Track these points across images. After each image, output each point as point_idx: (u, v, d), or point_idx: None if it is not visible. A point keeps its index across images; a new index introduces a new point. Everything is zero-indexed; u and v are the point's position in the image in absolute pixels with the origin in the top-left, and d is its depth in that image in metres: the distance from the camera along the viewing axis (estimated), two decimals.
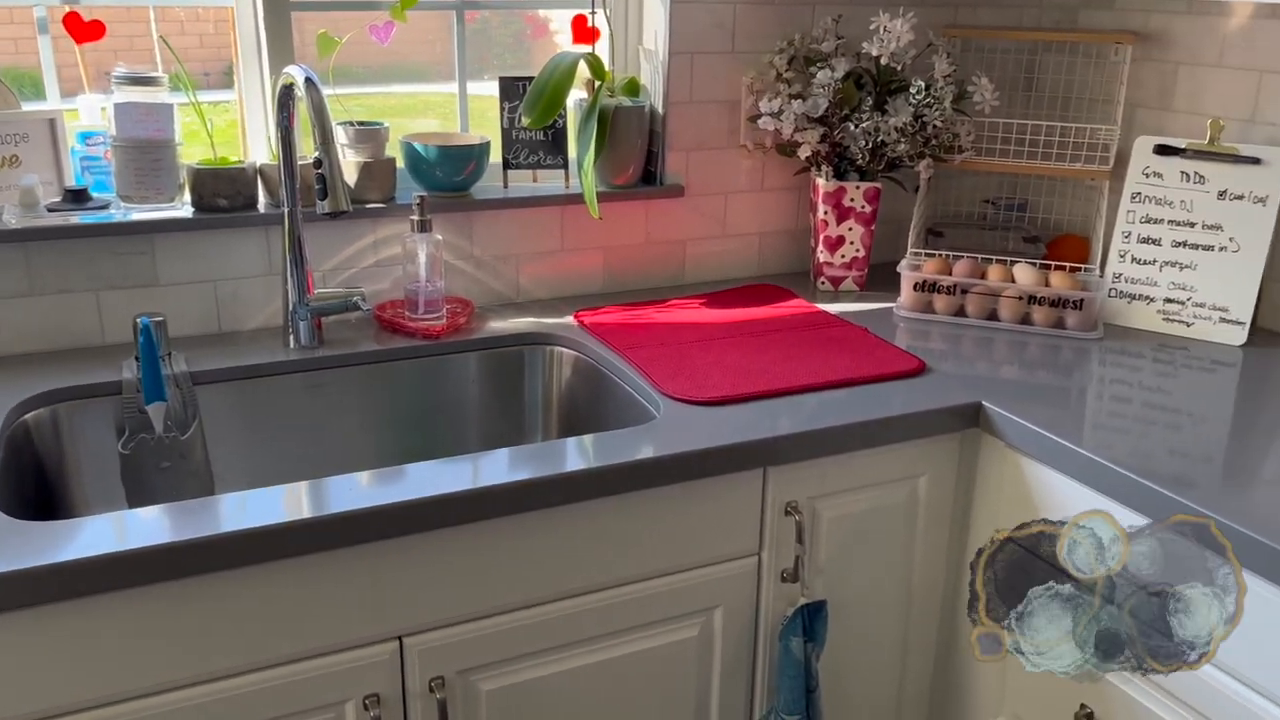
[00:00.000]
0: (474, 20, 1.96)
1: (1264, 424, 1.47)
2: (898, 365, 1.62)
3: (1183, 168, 1.82)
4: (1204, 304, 1.81)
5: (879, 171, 1.96)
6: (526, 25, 2.08)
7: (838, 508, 1.51)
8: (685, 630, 1.45)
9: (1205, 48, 1.89)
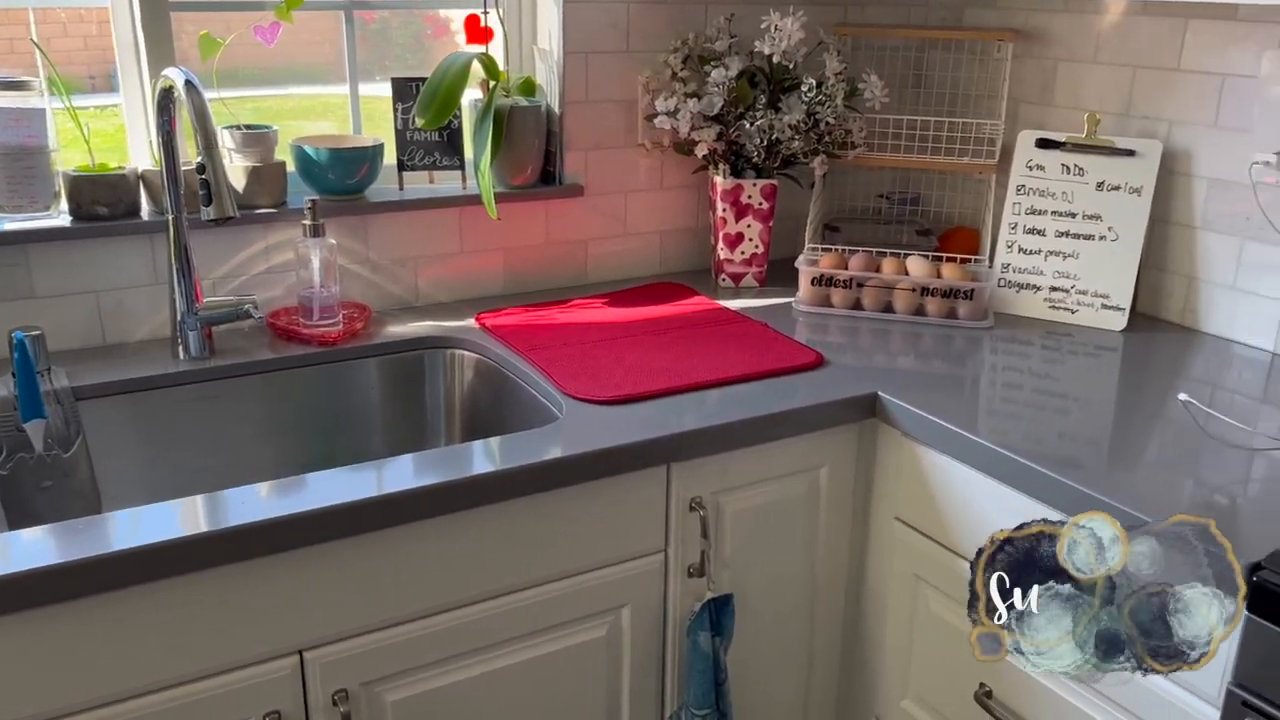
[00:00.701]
0: (373, 21, 1.93)
1: (1144, 405, 1.53)
2: (797, 359, 1.65)
3: (1063, 160, 1.89)
4: (1086, 291, 1.88)
5: (775, 169, 1.98)
6: (427, 25, 2.05)
7: (741, 501, 1.53)
8: (594, 630, 1.45)
9: (1082, 44, 1.96)
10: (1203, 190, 1.80)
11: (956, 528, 1.48)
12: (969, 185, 2.19)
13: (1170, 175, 1.84)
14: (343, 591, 1.25)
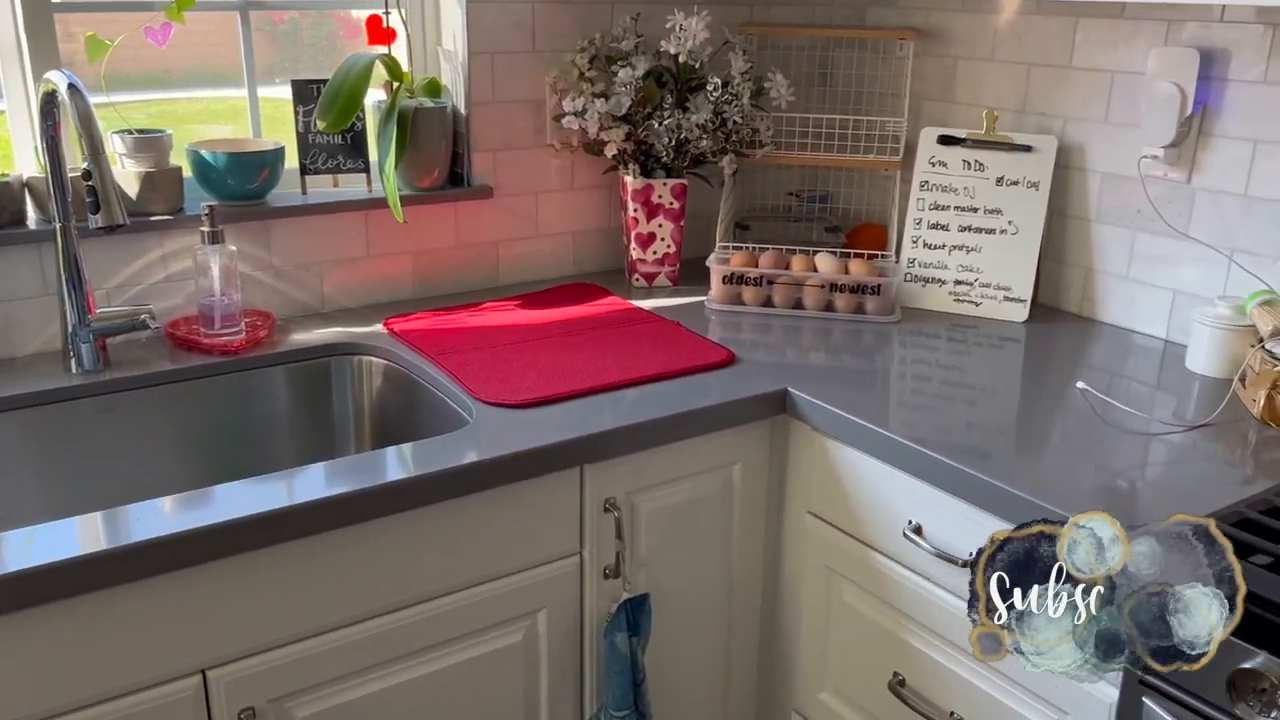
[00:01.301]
0: (283, 21, 1.88)
1: (1047, 394, 1.57)
2: (709, 357, 1.65)
3: (964, 156, 1.93)
4: (990, 284, 1.92)
5: (684, 168, 1.99)
6: (339, 26, 2.01)
7: (655, 501, 1.53)
8: (510, 636, 1.44)
9: (980, 43, 2.01)
10: (1097, 184, 1.86)
11: (868, 520, 1.50)
12: (876, 182, 2.23)
13: (1066, 170, 1.90)
14: (249, 607, 1.21)
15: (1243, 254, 1.67)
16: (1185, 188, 1.73)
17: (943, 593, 1.40)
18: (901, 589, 1.46)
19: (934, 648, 1.43)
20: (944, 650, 1.42)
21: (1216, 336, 1.60)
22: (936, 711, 1.44)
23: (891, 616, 1.49)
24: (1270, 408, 1.43)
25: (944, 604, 1.40)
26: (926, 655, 1.45)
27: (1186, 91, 1.66)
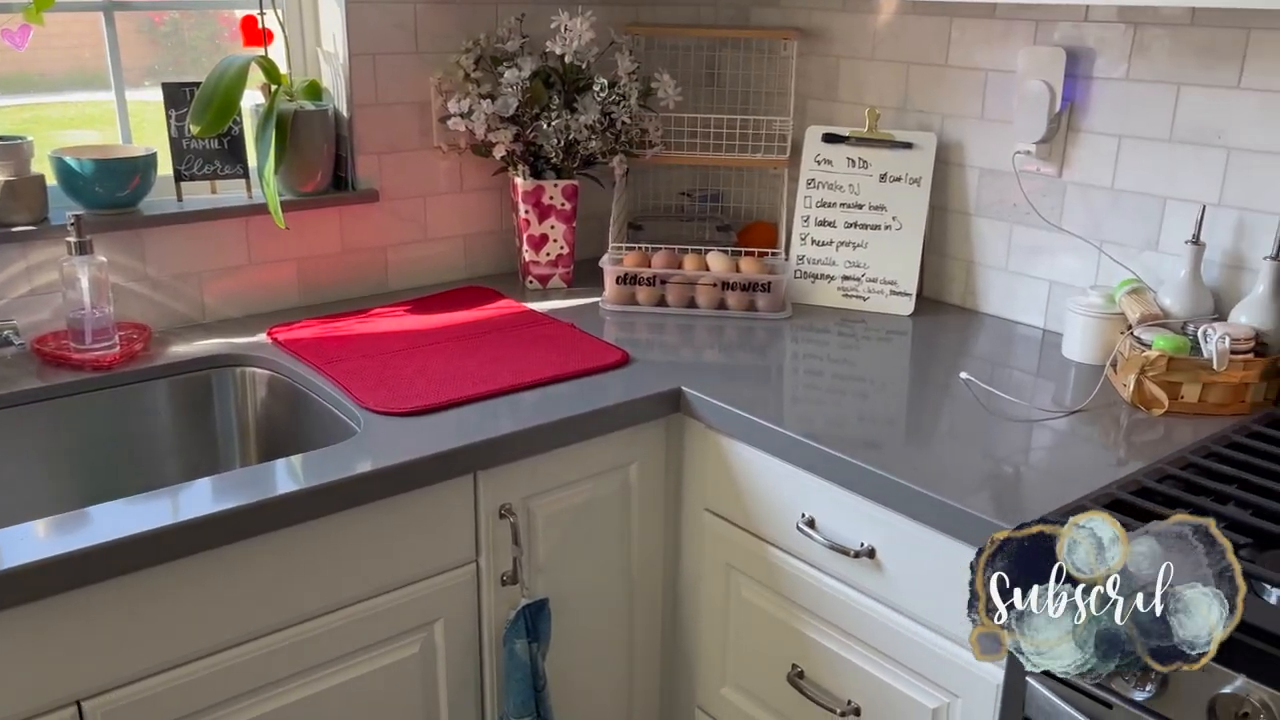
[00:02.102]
0: (163, 22, 1.81)
1: (934, 385, 1.61)
2: (603, 358, 1.65)
3: (848, 154, 1.96)
4: (876, 279, 1.96)
5: (575, 169, 1.98)
6: (223, 27, 1.94)
7: (552, 505, 1.52)
8: (406, 649, 1.41)
9: (860, 42, 2.05)
10: (975, 179, 1.91)
11: (762, 515, 1.51)
12: (765, 180, 2.25)
13: (946, 165, 1.95)
14: (129, 631, 1.16)
15: (1111, 244, 1.74)
16: (1057, 181, 1.79)
17: (837, 584, 1.42)
18: (797, 582, 1.48)
19: (830, 639, 1.46)
20: (840, 640, 1.44)
21: (1089, 325, 1.66)
22: (834, 701, 1.46)
23: (788, 610, 1.51)
24: (1140, 391, 1.50)
25: (838, 595, 1.42)
26: (823, 646, 1.47)
27: (1055, 89, 1.72)
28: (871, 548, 1.36)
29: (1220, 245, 1.60)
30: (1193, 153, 1.61)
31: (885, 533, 1.34)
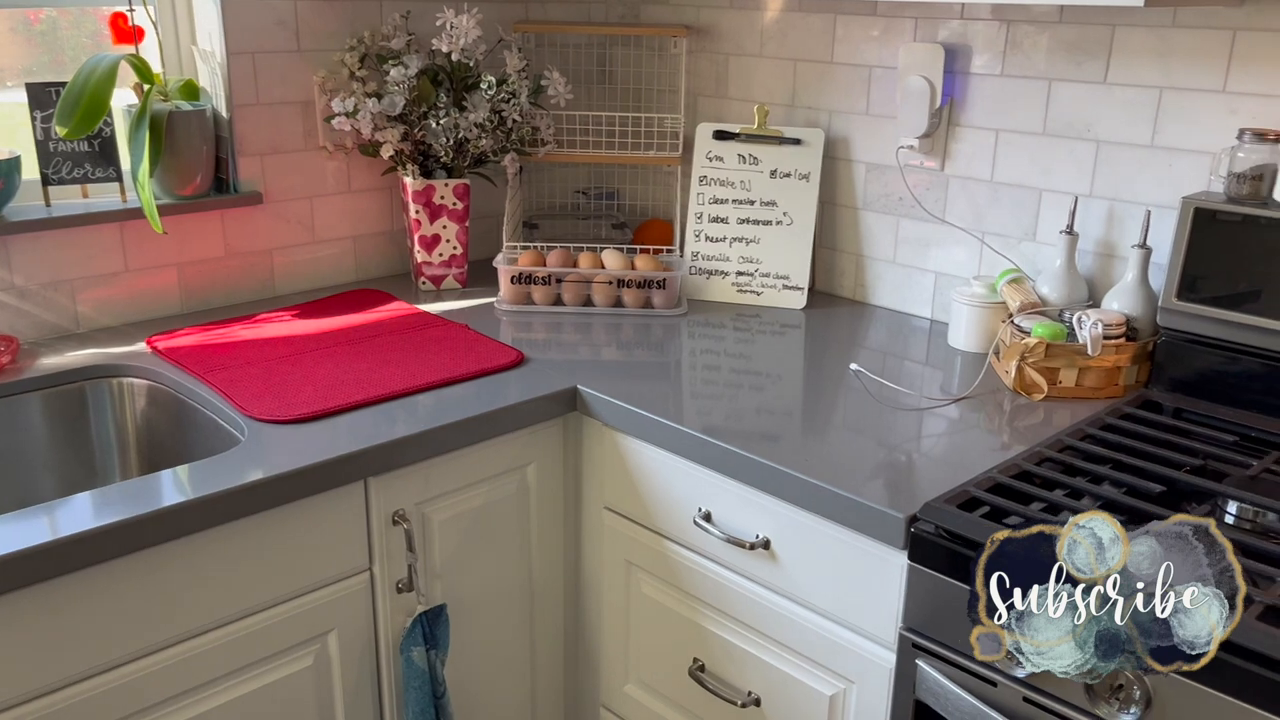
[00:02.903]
0: (39, 21, 1.73)
1: (828, 377, 1.64)
2: (497, 359, 1.63)
3: (739, 151, 1.98)
4: (769, 274, 1.98)
5: (466, 168, 1.96)
6: (103, 25, 1.85)
7: (448, 509, 1.49)
8: (299, 661, 1.37)
9: (749, 39, 2.07)
10: (862, 174, 1.95)
11: (660, 511, 1.52)
12: (660, 177, 2.26)
13: (834, 161, 1.98)
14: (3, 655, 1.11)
15: (993, 236, 1.79)
16: (940, 175, 1.84)
17: (735, 576, 1.44)
18: (695, 576, 1.49)
19: (730, 631, 1.47)
20: (739, 633, 1.46)
21: (973, 314, 1.71)
22: (735, 693, 1.47)
23: (688, 604, 1.51)
24: (1020, 378, 1.54)
25: (736, 587, 1.44)
26: (723, 639, 1.48)
27: (935, 85, 1.76)
28: (767, 539, 1.38)
29: (1093, 235, 1.66)
30: (1065, 146, 1.67)
31: (779, 524, 1.36)
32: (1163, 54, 1.54)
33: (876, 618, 1.27)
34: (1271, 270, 1.39)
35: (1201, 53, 1.50)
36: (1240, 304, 1.42)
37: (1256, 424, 1.41)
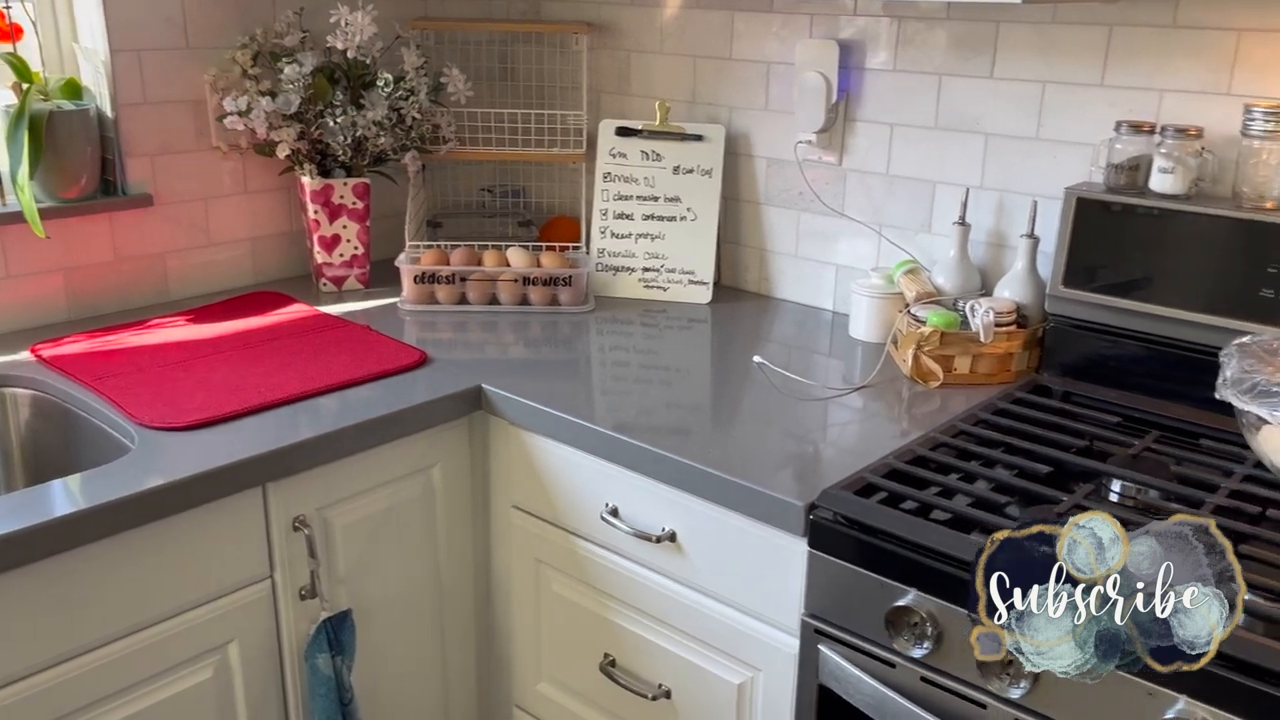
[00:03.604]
0: None
1: (734, 370, 1.65)
2: (399, 360, 1.61)
3: (642, 147, 1.99)
4: (675, 269, 1.99)
5: (366, 167, 1.93)
6: None
7: (351, 513, 1.47)
8: (198, 674, 1.34)
9: (649, 36, 2.08)
10: (763, 169, 1.97)
11: (568, 508, 1.51)
12: (566, 175, 2.26)
13: (735, 156, 2.00)
14: None
15: (890, 228, 1.82)
16: (838, 169, 1.87)
17: (643, 570, 1.44)
18: (604, 572, 1.49)
19: (640, 625, 1.47)
20: (648, 626, 1.46)
21: (872, 305, 1.74)
22: (646, 686, 1.48)
23: (598, 600, 1.52)
24: (917, 366, 1.58)
25: (644, 581, 1.44)
26: (633, 633, 1.48)
27: (831, 80, 1.79)
28: (673, 532, 1.39)
29: (985, 225, 1.71)
30: (956, 139, 1.71)
31: (685, 517, 1.37)
32: (1045, 49, 1.59)
33: (780, 605, 1.28)
34: (1150, 257, 1.45)
35: (1081, 48, 1.55)
36: (1122, 290, 1.47)
37: (1139, 405, 1.46)
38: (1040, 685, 1.05)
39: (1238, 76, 1.43)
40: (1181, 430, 1.39)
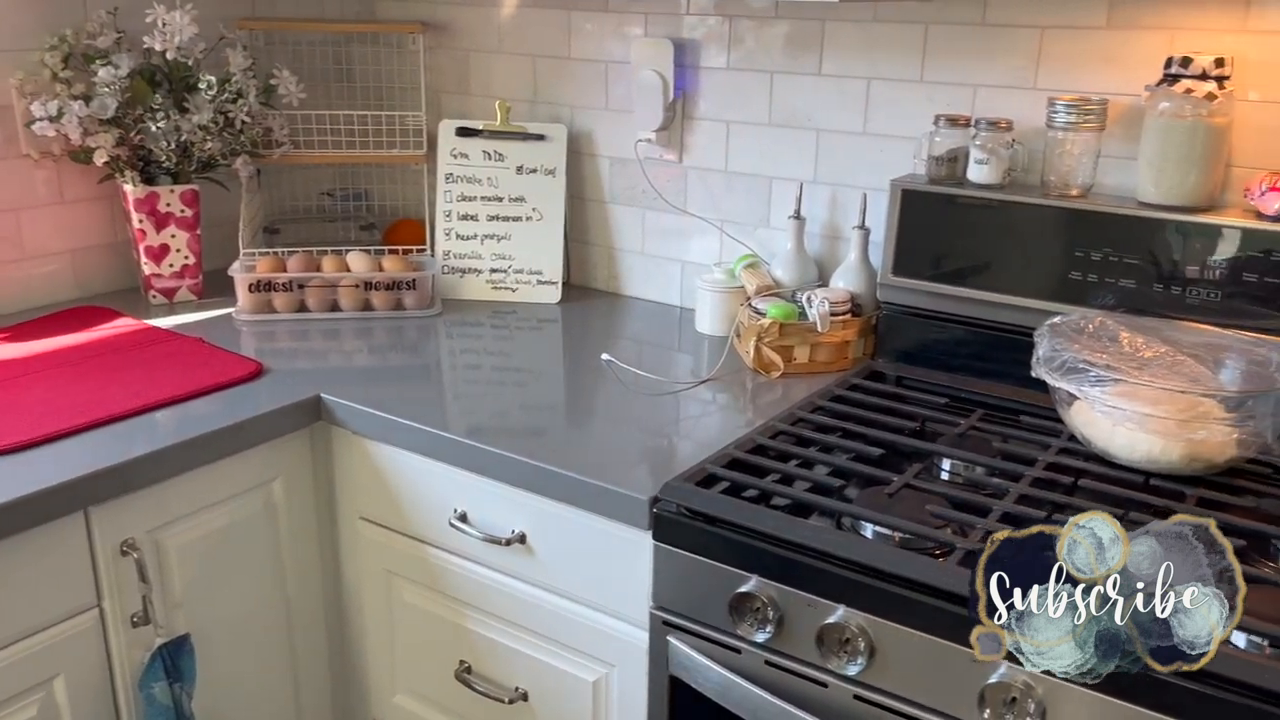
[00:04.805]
0: None
1: (586, 367, 1.66)
2: (233, 372, 1.55)
3: (484, 147, 1.97)
4: (523, 270, 1.98)
5: (193, 173, 1.85)
6: None
7: (185, 534, 1.41)
8: (20, 713, 1.26)
9: (487, 36, 2.06)
10: (607, 168, 1.98)
11: (416, 516, 1.49)
12: (409, 177, 2.21)
13: (579, 155, 2.00)
14: None
15: (730, 224, 1.86)
16: (679, 167, 1.89)
17: (494, 574, 1.43)
18: (456, 578, 1.47)
19: (494, 629, 1.46)
20: (502, 629, 1.45)
21: (715, 299, 1.77)
22: (502, 690, 1.47)
23: (451, 607, 1.50)
24: (759, 357, 1.61)
25: (496, 585, 1.43)
26: (488, 638, 1.47)
27: (667, 79, 1.81)
28: (523, 534, 1.38)
29: (819, 218, 1.76)
30: (789, 135, 1.75)
31: (534, 518, 1.36)
32: (868, 47, 1.65)
33: (629, 600, 1.29)
34: (971, 245, 1.52)
35: (900, 45, 1.62)
36: (947, 277, 1.54)
37: (966, 386, 1.53)
38: (876, 661, 1.08)
39: (1043, 71, 1.51)
40: (1004, 408, 1.46)
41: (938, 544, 1.11)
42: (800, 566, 1.12)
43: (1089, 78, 1.47)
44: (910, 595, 1.05)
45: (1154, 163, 1.39)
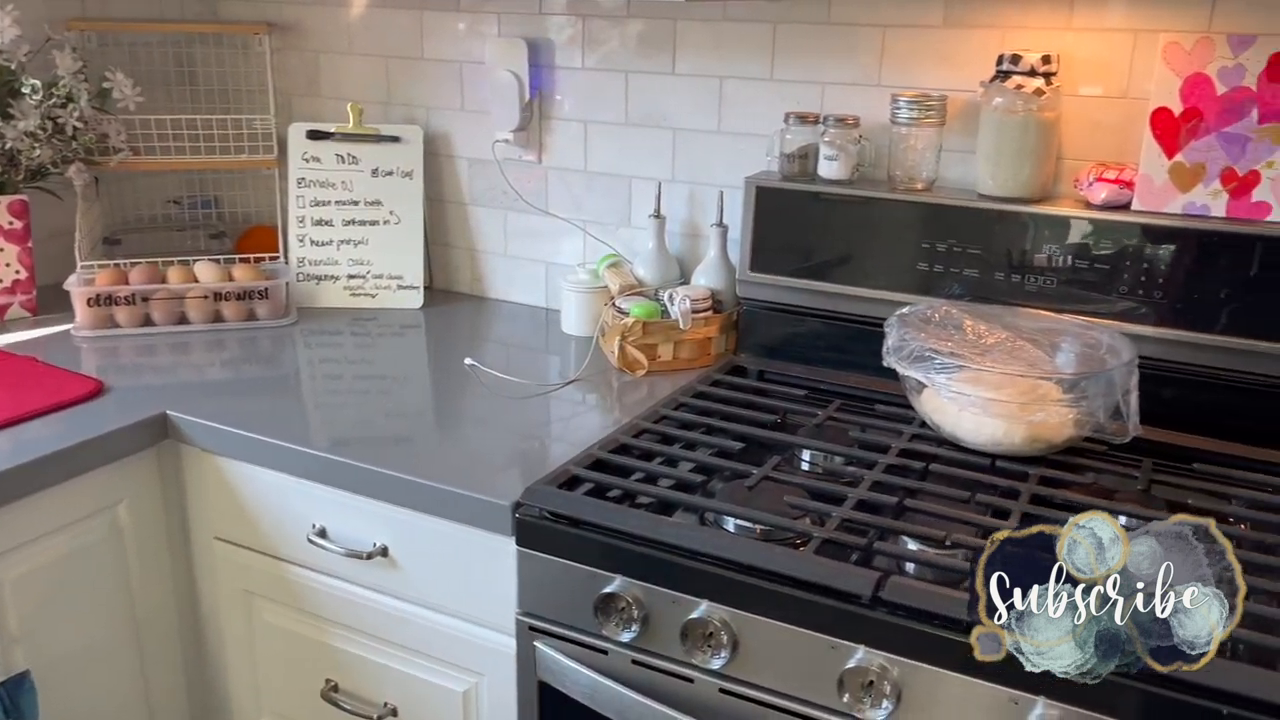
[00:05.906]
0: None
1: (450, 372, 1.63)
2: (70, 391, 1.47)
3: (336, 150, 1.92)
4: (382, 275, 1.94)
5: (21, 182, 1.75)
6: None
7: (21, 564, 1.33)
8: None
9: (337, 37, 2.01)
10: (465, 169, 1.96)
11: (273, 534, 1.44)
12: (260, 182, 2.13)
13: (436, 157, 1.97)
14: None
15: (592, 224, 1.85)
16: (539, 167, 1.88)
17: (357, 589, 1.39)
18: (317, 595, 1.43)
19: (359, 645, 1.42)
20: (369, 645, 1.42)
21: (580, 300, 1.77)
22: (371, 706, 1.43)
23: (314, 625, 1.45)
24: (623, 356, 1.61)
25: (360, 600, 1.39)
26: (353, 655, 1.43)
27: (523, 79, 1.80)
28: (384, 547, 1.35)
29: (679, 216, 1.77)
30: (646, 134, 1.76)
31: (395, 530, 1.33)
32: (719, 46, 1.66)
33: (496, 608, 1.27)
34: (823, 239, 1.55)
35: (750, 44, 1.64)
36: (802, 271, 1.57)
37: (823, 378, 1.56)
38: (739, 654, 1.09)
39: (886, 68, 1.55)
40: (860, 398, 1.50)
41: (797, 534, 1.13)
42: (663, 564, 1.12)
43: (929, 75, 1.52)
44: (769, 586, 1.07)
45: (990, 156, 1.45)
